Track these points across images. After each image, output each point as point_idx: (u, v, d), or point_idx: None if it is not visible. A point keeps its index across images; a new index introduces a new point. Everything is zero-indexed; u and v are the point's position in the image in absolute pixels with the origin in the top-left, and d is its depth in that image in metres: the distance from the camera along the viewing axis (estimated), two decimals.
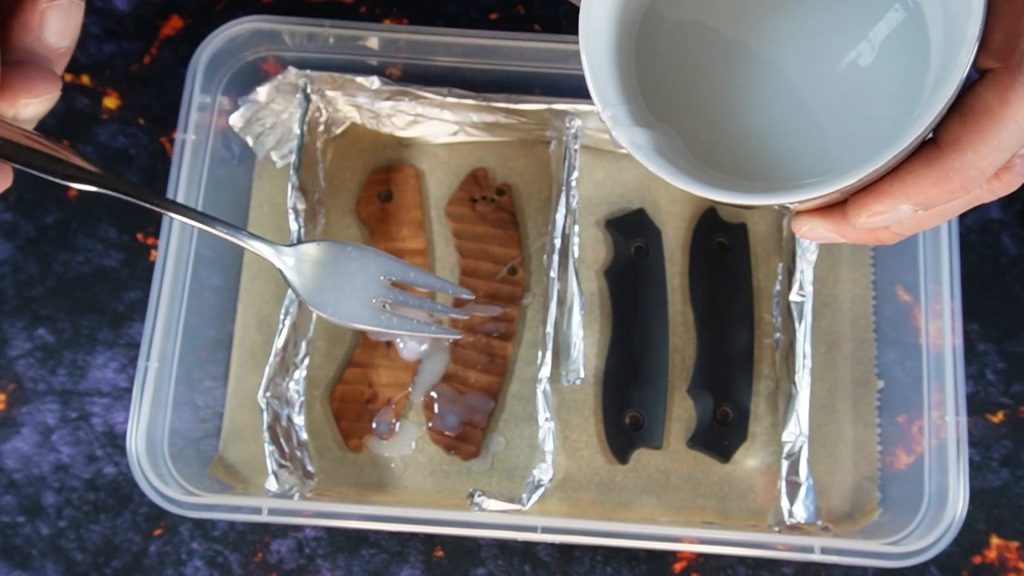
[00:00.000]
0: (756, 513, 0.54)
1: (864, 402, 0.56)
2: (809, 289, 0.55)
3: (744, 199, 0.34)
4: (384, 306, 0.43)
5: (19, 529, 0.55)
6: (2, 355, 0.57)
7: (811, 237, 0.37)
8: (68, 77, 0.61)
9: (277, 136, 0.59)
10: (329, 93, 0.58)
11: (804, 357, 0.53)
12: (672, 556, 0.54)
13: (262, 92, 0.57)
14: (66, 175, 0.35)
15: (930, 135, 0.33)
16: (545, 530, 0.50)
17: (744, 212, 0.59)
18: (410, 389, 0.56)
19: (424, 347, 0.56)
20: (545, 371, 0.53)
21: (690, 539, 0.50)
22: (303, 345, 0.56)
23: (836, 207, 0.36)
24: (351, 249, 0.43)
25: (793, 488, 0.53)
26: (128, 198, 0.37)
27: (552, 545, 0.55)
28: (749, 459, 0.55)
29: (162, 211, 0.39)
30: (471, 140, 0.60)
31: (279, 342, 0.53)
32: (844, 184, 0.33)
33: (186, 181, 0.54)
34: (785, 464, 0.53)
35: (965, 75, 0.31)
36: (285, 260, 0.42)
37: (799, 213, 0.37)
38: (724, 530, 0.51)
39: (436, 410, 0.56)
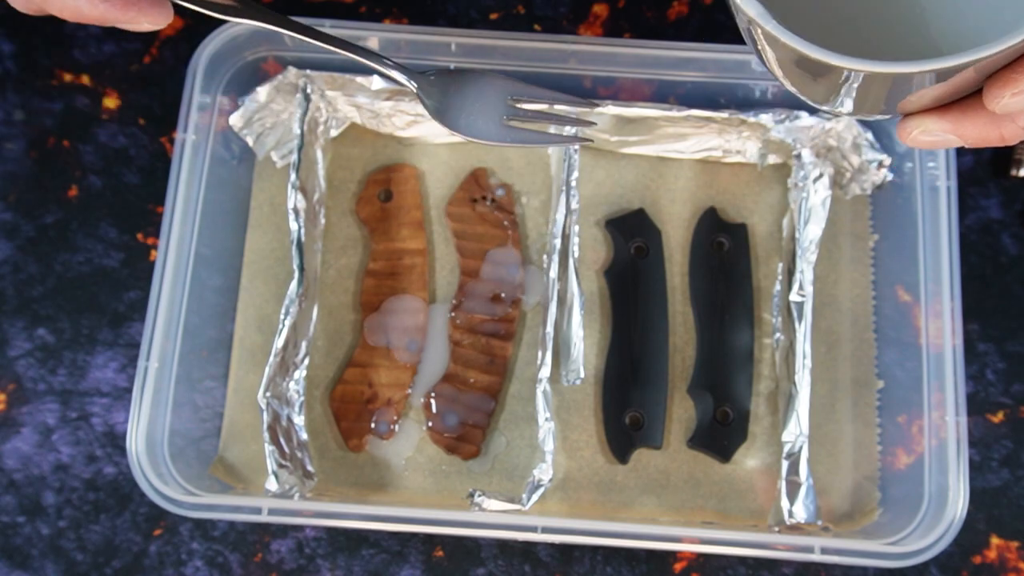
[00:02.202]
0: (756, 513, 0.54)
1: (864, 402, 0.56)
2: (809, 289, 0.55)
3: (892, 67, 0.31)
4: (516, 124, 0.47)
5: (19, 529, 0.55)
6: (2, 355, 0.57)
7: (923, 144, 0.34)
8: (68, 77, 0.61)
9: (277, 136, 0.59)
10: (329, 93, 0.58)
11: (804, 357, 0.53)
12: (672, 556, 0.54)
13: (262, 92, 0.57)
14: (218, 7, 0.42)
15: None
16: (545, 530, 0.50)
17: (744, 212, 0.59)
18: (410, 389, 0.56)
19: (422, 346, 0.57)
20: (545, 371, 0.53)
21: (690, 539, 0.50)
22: (303, 345, 0.56)
23: (954, 104, 0.34)
24: (477, 75, 0.47)
25: (793, 488, 0.53)
26: (272, 27, 0.43)
27: (552, 545, 0.55)
28: (749, 459, 0.55)
29: (304, 38, 0.44)
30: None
31: (279, 342, 0.53)
32: (1004, 46, 0.30)
33: (186, 181, 0.54)
34: (785, 464, 0.53)
35: None
36: (416, 84, 0.46)
37: (909, 115, 0.35)
38: (724, 530, 0.51)
39: (436, 410, 0.56)
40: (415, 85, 0.46)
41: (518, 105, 0.47)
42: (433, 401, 0.56)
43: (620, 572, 0.54)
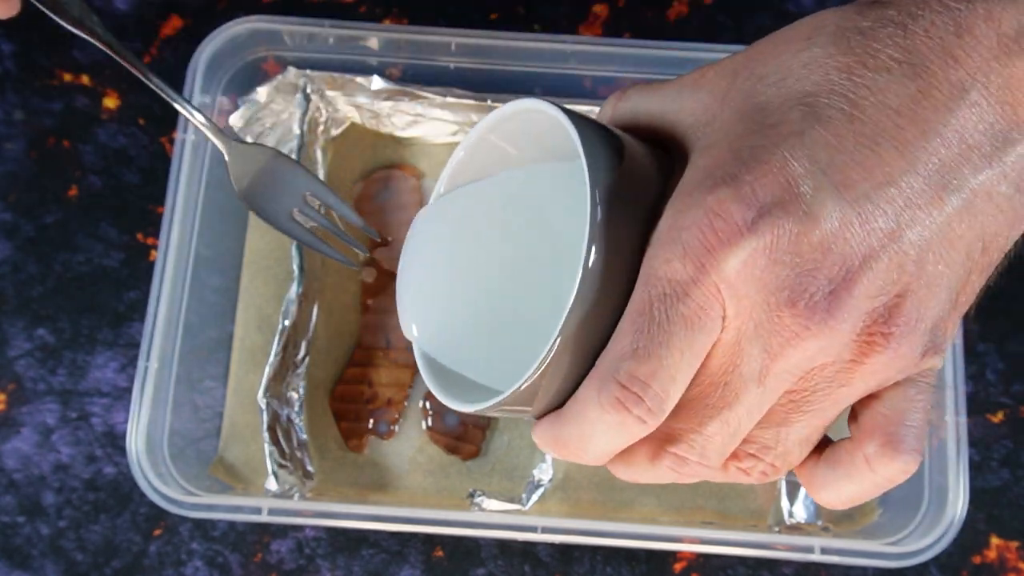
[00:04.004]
0: (756, 513, 0.54)
1: None
2: None
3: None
4: (301, 219, 0.48)
5: (19, 529, 0.55)
6: (2, 355, 0.57)
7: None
8: (68, 77, 0.61)
9: (277, 136, 0.59)
10: (329, 93, 0.58)
11: None
12: (672, 556, 0.54)
13: (262, 92, 0.57)
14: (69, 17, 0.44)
15: None
16: (545, 530, 0.50)
17: None
18: (410, 389, 0.56)
19: None
20: None
21: (690, 539, 0.50)
22: (303, 345, 0.56)
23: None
24: (287, 161, 0.48)
25: (793, 488, 0.53)
26: (106, 48, 0.44)
27: (552, 545, 0.55)
28: None
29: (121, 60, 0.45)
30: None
31: (279, 342, 0.53)
32: (507, 394, 0.30)
33: (186, 181, 0.54)
34: None
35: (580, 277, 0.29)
36: (231, 153, 0.47)
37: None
38: (724, 530, 0.51)
39: (436, 410, 0.56)
40: (227, 150, 0.47)
41: (309, 202, 0.48)
42: (433, 401, 0.56)
43: (620, 572, 0.54)
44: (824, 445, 0.33)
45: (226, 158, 0.47)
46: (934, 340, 0.30)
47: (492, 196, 0.35)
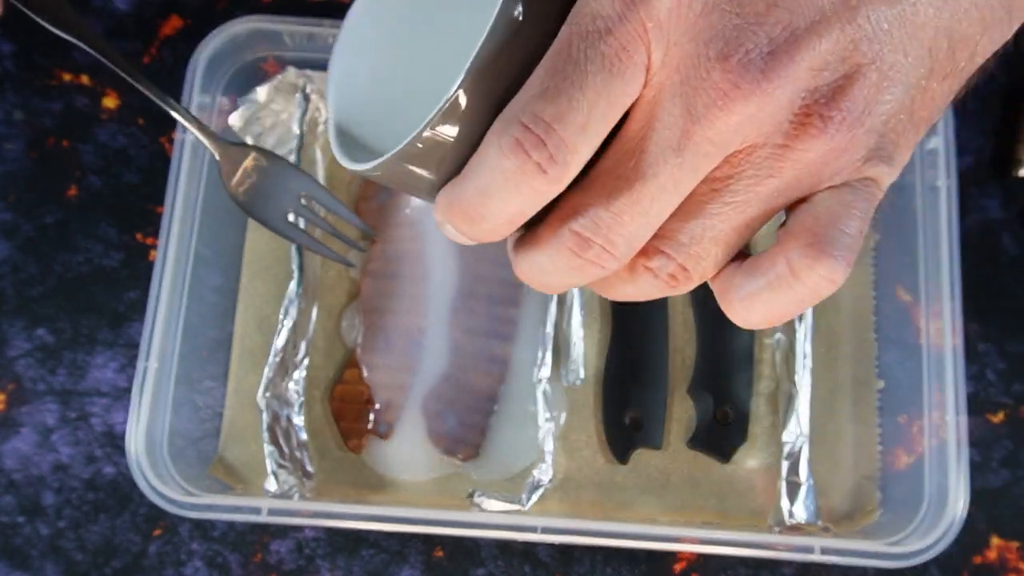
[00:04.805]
0: (756, 513, 0.54)
1: (864, 402, 0.56)
2: None
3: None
4: (297, 221, 0.48)
5: (19, 529, 0.55)
6: (2, 355, 0.57)
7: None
8: (68, 77, 0.61)
9: (277, 136, 0.59)
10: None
11: (804, 357, 0.53)
12: (672, 556, 0.54)
13: (262, 92, 0.57)
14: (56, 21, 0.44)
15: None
16: (545, 530, 0.50)
17: None
18: (409, 389, 0.56)
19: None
20: (545, 371, 0.53)
21: (690, 539, 0.49)
22: (303, 345, 0.56)
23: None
24: (281, 163, 0.47)
25: (793, 488, 0.53)
26: (96, 54, 0.44)
27: (552, 545, 0.55)
28: (749, 459, 0.55)
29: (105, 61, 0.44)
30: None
31: (279, 342, 0.53)
32: (402, 145, 0.27)
33: (185, 181, 0.54)
34: (785, 464, 0.53)
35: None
36: (222, 155, 0.46)
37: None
38: (724, 530, 0.51)
39: (435, 410, 0.56)
40: (218, 153, 0.46)
41: (304, 204, 0.47)
42: (433, 401, 0.56)
43: (620, 572, 0.54)
44: (744, 257, 0.29)
45: (217, 159, 0.46)
46: (882, 144, 0.26)
47: None
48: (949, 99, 0.28)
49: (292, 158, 0.55)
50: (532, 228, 0.28)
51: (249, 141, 0.58)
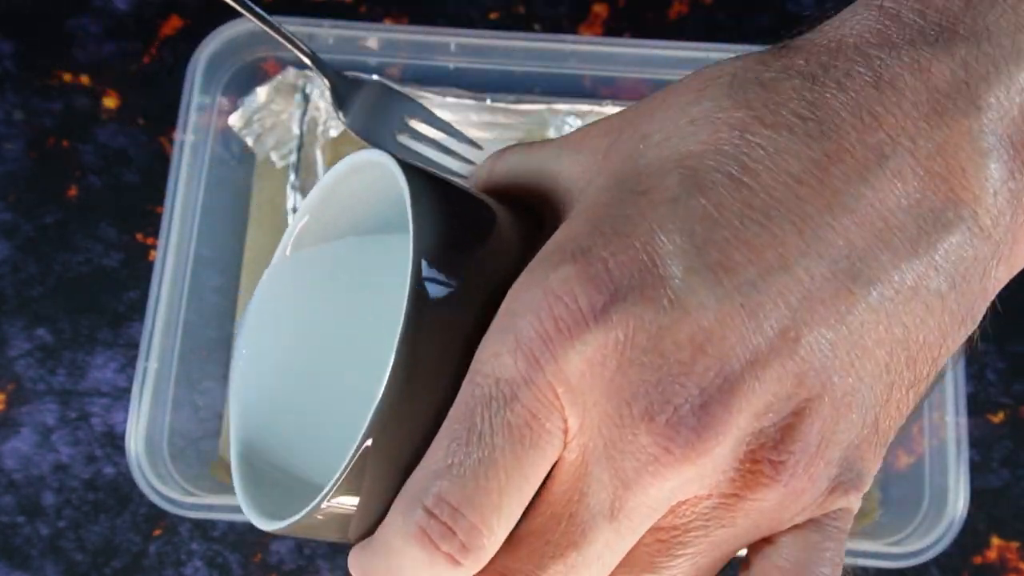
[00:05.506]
0: None
1: None
2: None
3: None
4: (403, 141, 0.51)
5: (19, 529, 0.55)
6: (1, 355, 0.57)
7: None
8: (68, 77, 0.61)
9: (277, 136, 0.59)
10: (328, 93, 0.58)
11: None
12: None
13: (261, 92, 0.57)
14: None
15: None
16: None
17: None
18: None
19: None
20: None
21: None
22: None
23: None
24: (386, 89, 0.51)
25: None
26: None
27: None
28: None
29: None
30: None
31: None
32: (301, 515, 0.24)
33: (185, 181, 0.54)
34: None
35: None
36: (329, 82, 0.50)
37: None
38: None
39: None
40: (327, 83, 0.50)
41: (412, 125, 0.50)
42: None
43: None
44: None
45: (327, 91, 0.50)
46: (845, 471, 0.23)
47: (331, 270, 0.31)
48: (917, 401, 0.25)
49: (292, 158, 0.55)
50: None
51: (249, 141, 0.59)
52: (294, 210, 0.55)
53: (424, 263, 0.23)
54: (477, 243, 0.25)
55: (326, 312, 0.30)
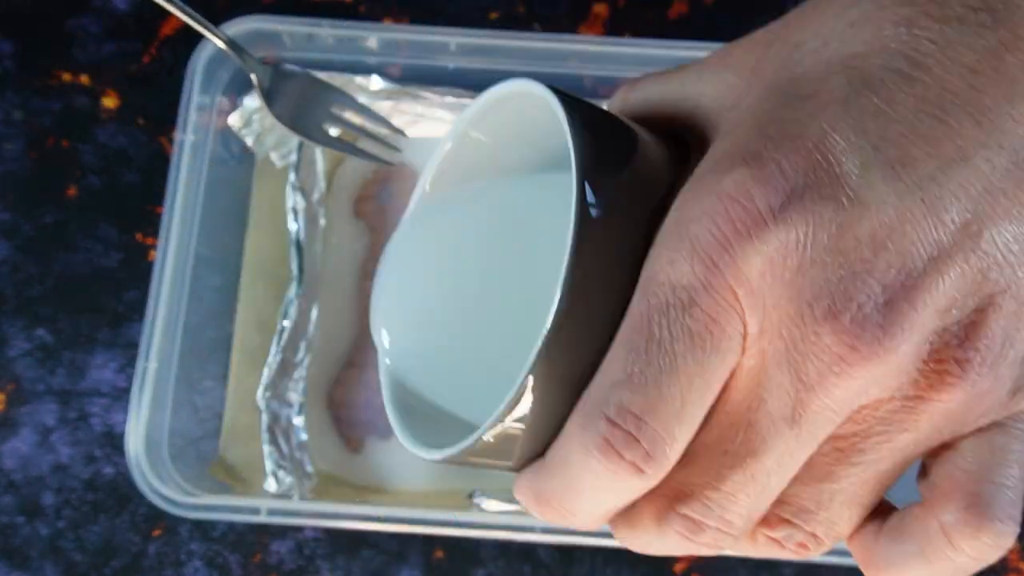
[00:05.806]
0: None
1: None
2: None
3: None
4: (329, 130, 0.52)
5: (18, 530, 0.55)
6: (1, 355, 0.57)
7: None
8: (67, 77, 0.61)
9: (277, 136, 0.59)
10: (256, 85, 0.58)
11: None
12: (673, 557, 0.54)
13: None
14: None
15: None
16: (545, 531, 0.50)
17: None
18: None
19: None
20: None
21: None
22: (303, 345, 0.55)
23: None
24: (312, 81, 0.52)
25: None
26: None
27: (553, 546, 0.54)
28: None
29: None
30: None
31: (278, 343, 0.53)
32: (469, 442, 0.25)
33: (185, 181, 0.54)
34: None
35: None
36: (263, 78, 0.51)
37: None
38: None
39: None
40: (255, 74, 0.50)
41: (337, 113, 0.52)
42: None
43: (621, 573, 0.54)
44: (884, 511, 0.27)
45: (255, 83, 0.50)
46: None
47: (479, 209, 0.31)
48: None
49: (292, 158, 0.55)
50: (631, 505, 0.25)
51: (249, 141, 0.59)
52: (294, 210, 0.55)
53: (587, 184, 0.23)
54: (631, 164, 0.25)
55: (468, 249, 0.31)
